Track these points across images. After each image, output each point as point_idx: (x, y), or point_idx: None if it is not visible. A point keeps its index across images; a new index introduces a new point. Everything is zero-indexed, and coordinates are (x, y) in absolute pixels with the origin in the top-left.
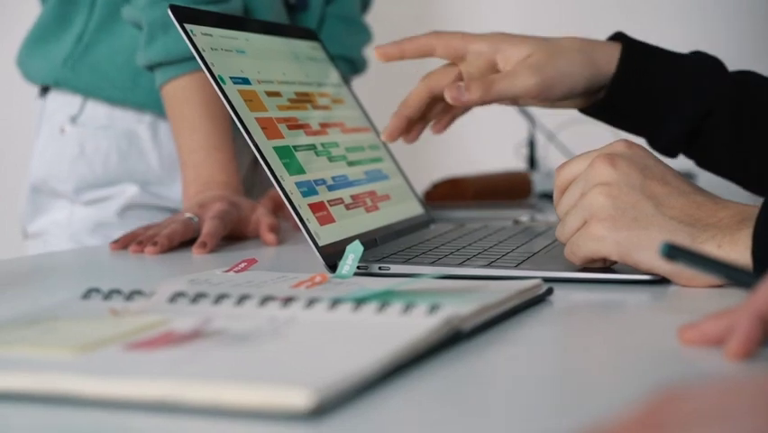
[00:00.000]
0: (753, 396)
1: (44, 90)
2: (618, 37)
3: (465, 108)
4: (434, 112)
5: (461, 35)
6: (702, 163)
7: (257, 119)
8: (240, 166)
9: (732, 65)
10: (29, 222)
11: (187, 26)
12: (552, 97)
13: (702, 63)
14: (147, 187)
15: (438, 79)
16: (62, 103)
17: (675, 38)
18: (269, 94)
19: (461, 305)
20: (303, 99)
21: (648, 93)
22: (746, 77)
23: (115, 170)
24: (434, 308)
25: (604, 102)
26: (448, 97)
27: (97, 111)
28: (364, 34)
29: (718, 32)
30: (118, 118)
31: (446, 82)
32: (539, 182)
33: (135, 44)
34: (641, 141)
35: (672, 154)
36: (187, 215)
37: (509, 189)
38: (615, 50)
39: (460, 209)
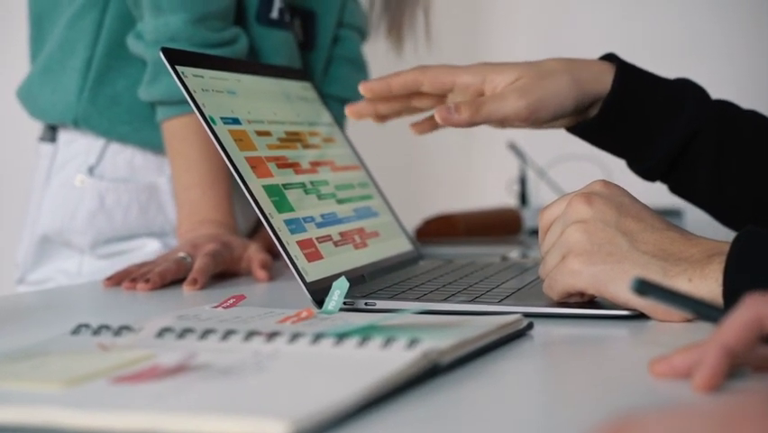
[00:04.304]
0: (716, 423)
1: (51, 129)
2: (609, 57)
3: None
4: (410, 106)
5: (447, 68)
6: (677, 189)
7: (247, 158)
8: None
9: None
10: (30, 270)
11: (179, 68)
12: (541, 119)
13: (689, 88)
14: (164, 239)
15: (434, 77)
16: (78, 151)
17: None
18: (260, 133)
19: (440, 339)
20: (293, 138)
21: (639, 114)
22: (725, 105)
23: (134, 224)
24: (413, 343)
25: (594, 121)
26: (438, 118)
27: (117, 160)
28: (366, 77)
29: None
30: (139, 168)
31: (440, 83)
32: (529, 218)
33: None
34: (618, 174)
35: (653, 178)
36: (181, 254)
37: (500, 226)
38: (602, 70)
39: (450, 246)
